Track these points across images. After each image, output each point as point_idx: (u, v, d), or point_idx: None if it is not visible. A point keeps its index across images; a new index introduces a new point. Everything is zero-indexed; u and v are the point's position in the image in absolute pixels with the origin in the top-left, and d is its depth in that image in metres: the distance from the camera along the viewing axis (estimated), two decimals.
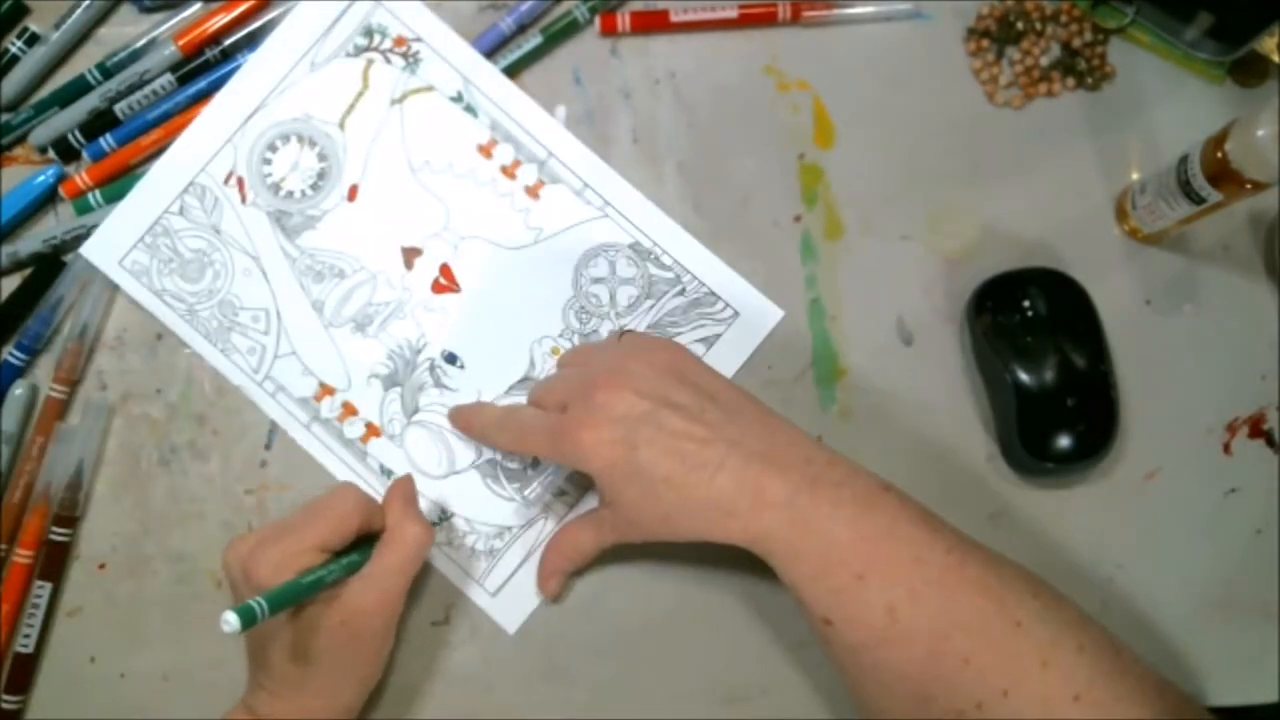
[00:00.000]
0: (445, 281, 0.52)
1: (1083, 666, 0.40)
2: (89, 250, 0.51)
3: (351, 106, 0.52)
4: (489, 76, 0.53)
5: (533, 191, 0.53)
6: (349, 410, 0.51)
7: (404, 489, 0.48)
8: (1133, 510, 0.52)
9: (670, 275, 0.53)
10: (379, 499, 0.48)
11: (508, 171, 0.53)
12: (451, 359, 0.52)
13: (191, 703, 0.50)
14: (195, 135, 0.52)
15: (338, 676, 0.45)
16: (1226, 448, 0.53)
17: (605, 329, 0.52)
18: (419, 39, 0.53)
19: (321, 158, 0.52)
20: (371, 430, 0.51)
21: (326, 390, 0.52)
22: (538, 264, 0.53)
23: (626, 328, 0.52)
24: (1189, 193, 0.47)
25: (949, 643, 0.40)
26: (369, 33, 0.52)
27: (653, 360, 0.46)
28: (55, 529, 0.50)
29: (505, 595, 0.51)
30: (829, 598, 0.41)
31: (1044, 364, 0.50)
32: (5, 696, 0.49)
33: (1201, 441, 0.53)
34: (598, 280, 0.53)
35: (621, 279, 0.53)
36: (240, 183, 0.52)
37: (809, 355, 0.53)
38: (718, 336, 0.52)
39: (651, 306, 0.52)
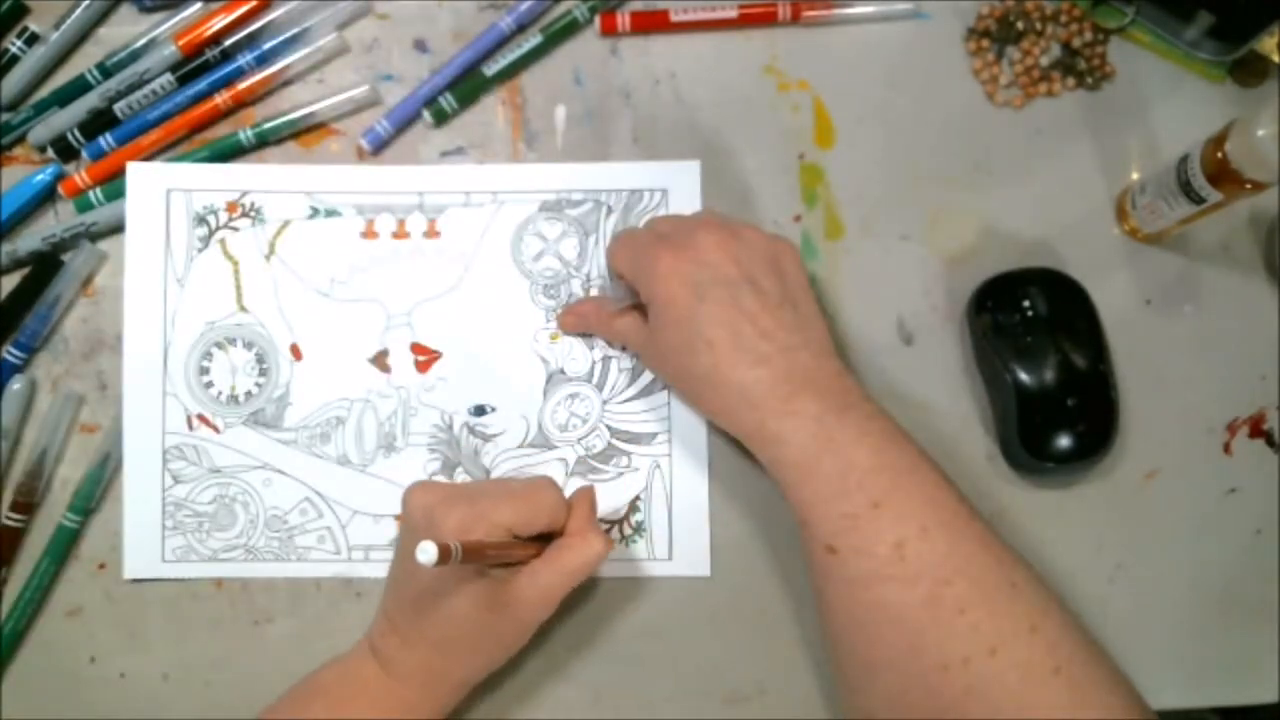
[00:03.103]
0: (425, 358, 0.52)
1: (1066, 641, 0.40)
2: (131, 571, 0.51)
3: (238, 286, 0.52)
4: (320, 176, 0.53)
5: (431, 233, 0.53)
6: None
7: (589, 497, 0.47)
8: (1133, 510, 0.52)
9: (589, 205, 0.53)
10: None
11: (400, 235, 0.52)
12: (481, 410, 0.52)
13: (191, 703, 0.50)
14: (133, 413, 0.51)
15: (469, 650, 0.45)
16: (1226, 448, 0.53)
17: (576, 285, 0.53)
18: (244, 192, 0.52)
19: (248, 345, 0.51)
20: None
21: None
22: (483, 282, 0.52)
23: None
24: (1189, 193, 0.47)
25: (949, 589, 0.40)
26: (201, 219, 0.52)
27: (762, 244, 0.46)
28: (10, 514, 0.50)
29: (679, 552, 0.51)
30: (839, 522, 0.41)
31: (1044, 364, 0.50)
32: None
33: (1201, 441, 0.53)
34: (538, 255, 0.53)
35: (555, 239, 0.53)
36: (204, 419, 0.51)
37: None
38: None
39: (596, 241, 0.53)
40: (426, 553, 0.36)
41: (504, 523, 0.43)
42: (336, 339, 0.52)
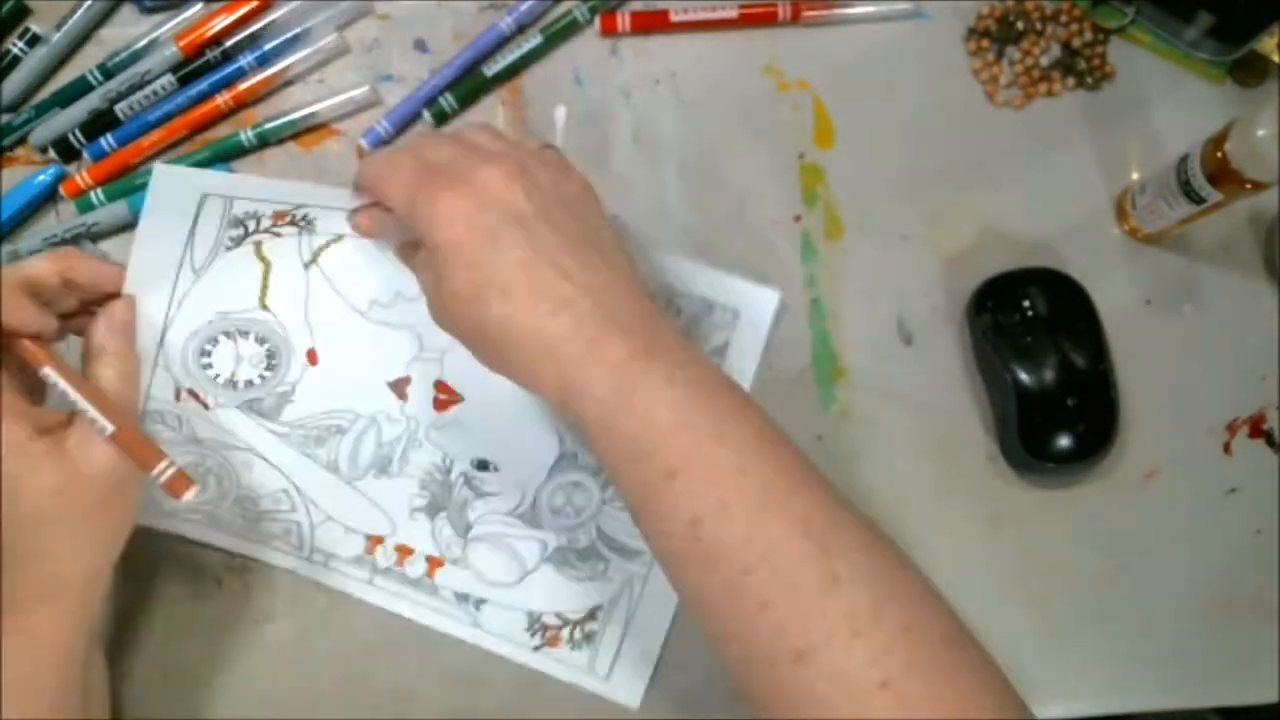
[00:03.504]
0: (445, 397, 0.50)
1: (900, 650, 0.33)
2: None
3: (264, 286, 0.50)
4: None
5: None
6: (404, 552, 0.50)
7: (119, 324, 0.44)
8: (1133, 510, 0.52)
9: (661, 300, 0.51)
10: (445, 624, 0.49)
11: None
12: (483, 465, 0.50)
13: (192, 703, 0.50)
14: None
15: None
16: (1226, 448, 0.53)
17: None
18: (300, 205, 0.49)
19: (261, 340, 0.50)
20: (433, 562, 0.50)
21: (375, 541, 0.50)
22: None
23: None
24: (1189, 193, 0.47)
25: (750, 579, 0.34)
26: (239, 223, 0.49)
27: (560, 179, 0.41)
28: None
29: (618, 674, 0.50)
30: (637, 490, 0.36)
31: (1044, 364, 0.50)
32: None
33: (1201, 441, 0.53)
34: None
35: None
36: (194, 394, 0.49)
37: (809, 355, 0.53)
38: (727, 343, 0.51)
39: None
40: None
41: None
42: (360, 355, 0.50)
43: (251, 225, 0.50)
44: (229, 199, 0.49)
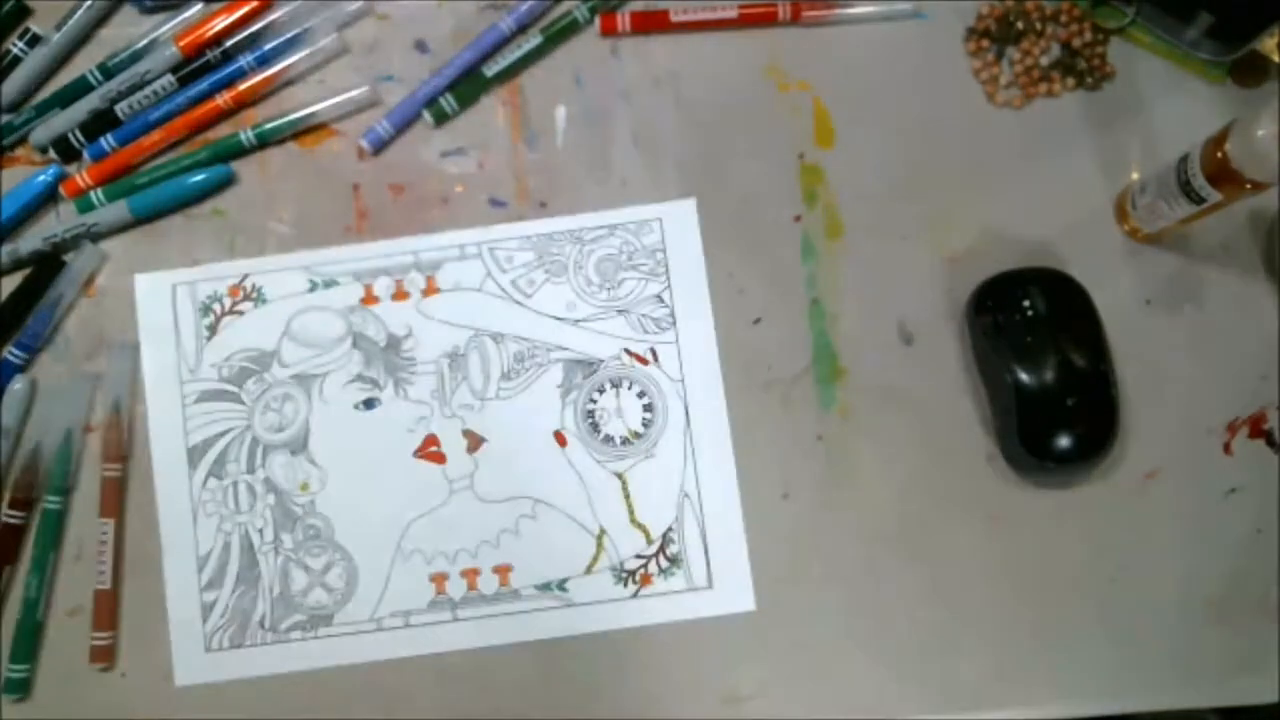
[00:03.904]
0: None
1: None
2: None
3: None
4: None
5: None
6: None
7: None
8: (1133, 510, 0.52)
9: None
10: None
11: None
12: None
13: (192, 703, 0.50)
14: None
15: None
16: (1226, 448, 0.53)
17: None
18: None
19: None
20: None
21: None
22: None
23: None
24: (1189, 193, 0.47)
25: None
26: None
27: None
28: (9, 511, 0.51)
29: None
30: None
31: (1044, 364, 0.50)
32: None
33: (1201, 441, 0.53)
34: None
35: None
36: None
37: (809, 355, 0.53)
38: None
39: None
40: None
41: None
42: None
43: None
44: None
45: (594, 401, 0.52)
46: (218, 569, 0.50)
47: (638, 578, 0.51)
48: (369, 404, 0.52)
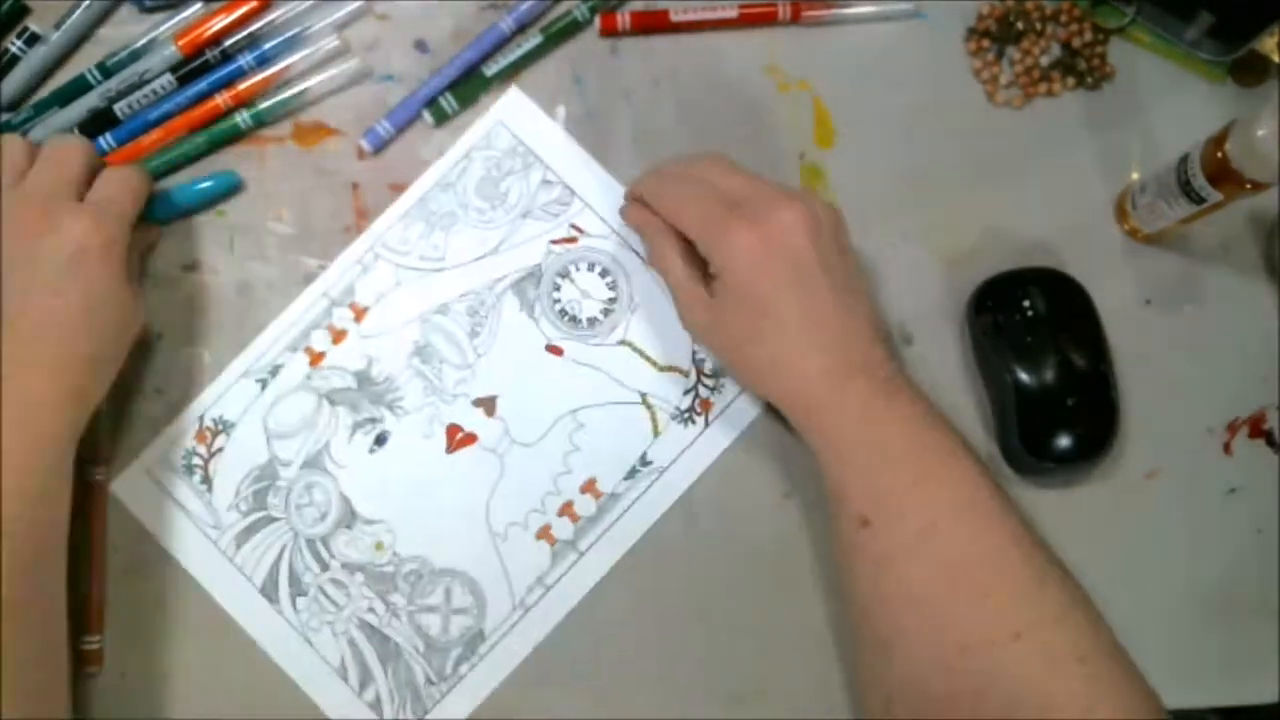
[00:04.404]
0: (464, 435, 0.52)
1: (1091, 634, 0.41)
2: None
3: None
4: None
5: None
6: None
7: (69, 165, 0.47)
8: (1133, 510, 0.52)
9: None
10: None
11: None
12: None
13: (192, 703, 0.50)
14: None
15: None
16: (1226, 448, 0.53)
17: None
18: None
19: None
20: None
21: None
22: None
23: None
24: (1189, 193, 0.47)
25: (975, 573, 0.41)
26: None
27: (831, 223, 0.46)
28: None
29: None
30: (878, 495, 0.43)
31: (1044, 364, 0.50)
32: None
33: (1201, 441, 0.53)
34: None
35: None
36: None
37: None
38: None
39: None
40: None
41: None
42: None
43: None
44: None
45: (558, 301, 0.52)
46: (359, 667, 0.49)
47: (698, 408, 0.52)
48: (380, 440, 0.51)
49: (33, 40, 0.53)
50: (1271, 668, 0.51)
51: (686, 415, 0.51)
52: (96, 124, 0.53)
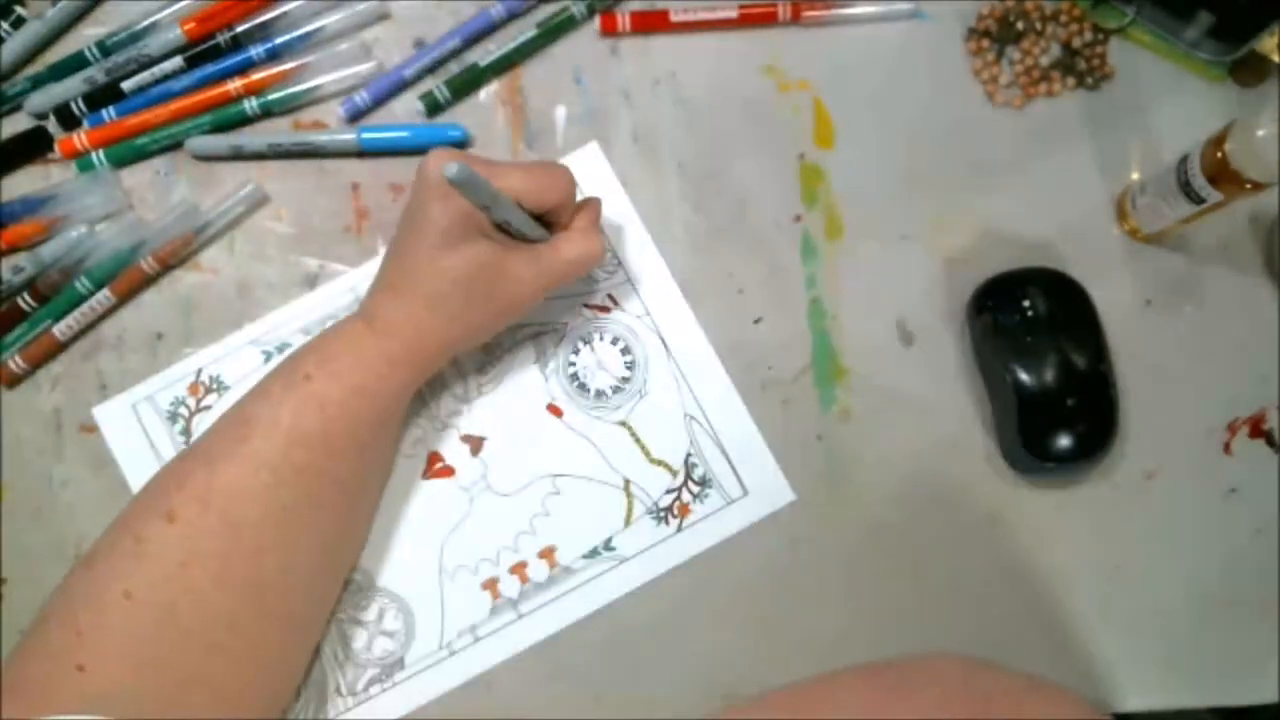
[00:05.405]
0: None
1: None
2: None
3: None
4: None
5: None
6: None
7: (598, 205, 0.49)
8: (1133, 510, 0.52)
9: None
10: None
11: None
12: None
13: None
14: None
15: (458, 309, 0.45)
16: (1226, 448, 0.53)
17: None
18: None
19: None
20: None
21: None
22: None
23: None
24: (1189, 193, 0.47)
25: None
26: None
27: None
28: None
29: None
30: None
31: (1044, 364, 0.50)
32: None
33: (1201, 441, 0.53)
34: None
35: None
36: None
37: (809, 355, 0.53)
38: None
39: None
40: (450, 170, 0.39)
41: (515, 187, 0.44)
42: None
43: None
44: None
45: (573, 364, 0.52)
46: None
47: (676, 511, 0.51)
48: None
49: (18, 23, 0.54)
50: (1271, 668, 0.51)
51: (662, 514, 0.51)
52: (102, 97, 0.53)
